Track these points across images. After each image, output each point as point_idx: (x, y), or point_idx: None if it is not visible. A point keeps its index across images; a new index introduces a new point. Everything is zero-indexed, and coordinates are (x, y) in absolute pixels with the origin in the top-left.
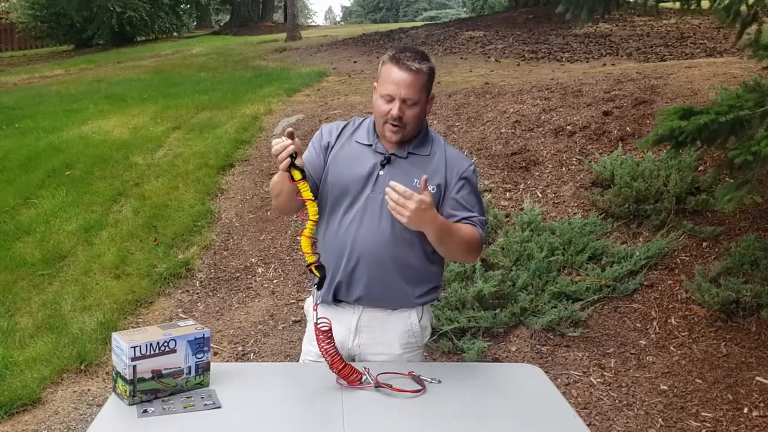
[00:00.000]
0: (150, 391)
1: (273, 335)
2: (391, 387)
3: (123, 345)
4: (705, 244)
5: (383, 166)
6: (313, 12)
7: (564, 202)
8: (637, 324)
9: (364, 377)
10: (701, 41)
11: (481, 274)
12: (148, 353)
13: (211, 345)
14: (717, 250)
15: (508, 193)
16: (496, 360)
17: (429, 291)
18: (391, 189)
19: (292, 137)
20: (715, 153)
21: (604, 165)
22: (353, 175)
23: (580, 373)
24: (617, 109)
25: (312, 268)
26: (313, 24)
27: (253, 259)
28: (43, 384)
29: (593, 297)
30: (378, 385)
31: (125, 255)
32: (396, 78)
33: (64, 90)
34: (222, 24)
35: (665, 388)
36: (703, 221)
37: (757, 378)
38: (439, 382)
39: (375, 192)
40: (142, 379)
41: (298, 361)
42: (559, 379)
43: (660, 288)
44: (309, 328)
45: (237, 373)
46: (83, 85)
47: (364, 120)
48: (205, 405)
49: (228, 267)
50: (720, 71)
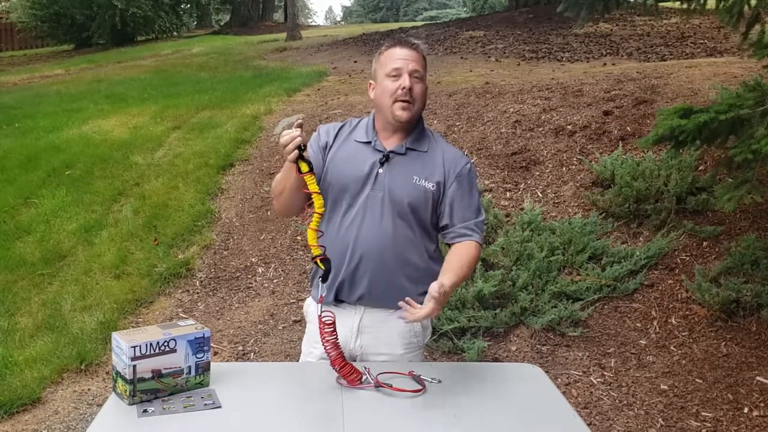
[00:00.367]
0: (150, 391)
1: (273, 335)
2: (391, 387)
3: (123, 345)
4: (705, 243)
5: (382, 163)
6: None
7: (564, 201)
8: (638, 324)
9: (364, 377)
10: (702, 41)
11: (481, 273)
12: (148, 353)
13: (211, 345)
14: (717, 249)
15: (508, 193)
16: (496, 360)
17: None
18: (409, 317)
19: (301, 129)
20: (716, 153)
21: (604, 165)
22: (353, 174)
23: (580, 373)
24: (617, 109)
25: (317, 260)
26: (314, 24)
27: (254, 259)
28: (43, 384)
29: (593, 297)
30: (378, 385)
31: (125, 255)
32: (400, 54)
33: (64, 90)
34: (222, 24)
35: (665, 387)
36: (704, 221)
37: (758, 378)
38: (439, 381)
39: (375, 190)
40: (142, 379)
41: (298, 362)
42: (560, 379)
43: (660, 288)
44: (309, 329)
45: (237, 373)
46: (83, 85)
47: (361, 120)
48: (205, 405)
49: (228, 267)
50: (720, 71)
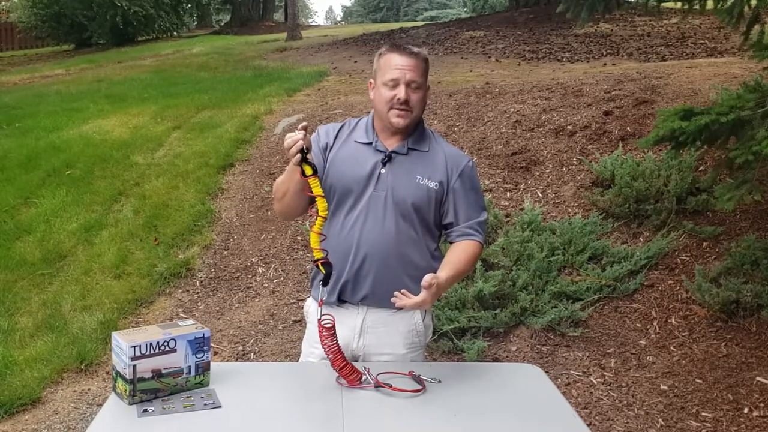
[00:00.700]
0: (150, 391)
1: (273, 335)
2: (391, 387)
3: (123, 344)
4: (705, 244)
5: (384, 164)
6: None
7: (564, 202)
8: (638, 324)
9: (364, 377)
10: (702, 41)
11: (481, 273)
12: (148, 353)
13: (211, 345)
14: (717, 250)
15: (508, 193)
16: (496, 360)
17: None
18: (402, 304)
19: (305, 131)
20: (716, 153)
21: (604, 165)
22: (355, 175)
23: (580, 373)
24: (618, 109)
25: (319, 264)
26: (314, 24)
27: (254, 259)
28: (43, 383)
29: (593, 297)
30: (378, 385)
31: (125, 255)
32: (398, 63)
33: (64, 89)
34: (222, 24)
35: (665, 388)
36: (704, 221)
37: (758, 378)
38: (439, 381)
39: (377, 191)
40: (142, 379)
41: (298, 362)
42: (559, 379)
43: (660, 288)
44: (309, 329)
45: (237, 373)
46: (84, 85)
47: (359, 120)
48: (205, 405)
49: (228, 267)
50: (721, 71)
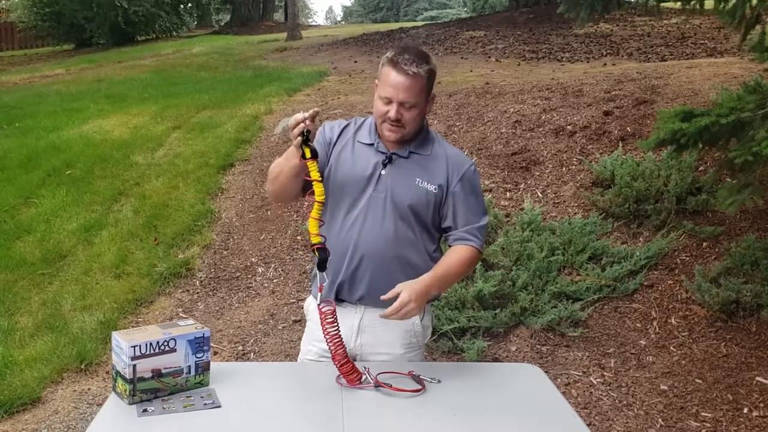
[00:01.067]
0: (150, 391)
1: (273, 335)
2: (391, 386)
3: (123, 344)
4: (705, 244)
5: (385, 165)
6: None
7: (564, 202)
8: (637, 324)
9: (363, 377)
10: (702, 41)
11: (481, 273)
12: (148, 352)
13: (211, 344)
14: (717, 250)
15: (508, 193)
16: (496, 360)
17: None
18: (387, 314)
19: (314, 117)
20: (716, 153)
21: (604, 165)
22: (355, 175)
23: (580, 373)
24: (618, 109)
25: (314, 248)
26: (314, 24)
27: (254, 259)
28: (43, 383)
29: (593, 297)
30: (378, 385)
31: (125, 254)
32: (393, 81)
33: (64, 89)
34: (222, 23)
35: (665, 388)
36: (704, 221)
37: (757, 378)
38: (439, 381)
39: (377, 191)
40: (142, 379)
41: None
42: (559, 379)
43: (660, 288)
44: (308, 327)
45: (237, 373)
46: (84, 85)
47: (365, 120)
48: (205, 404)
49: (228, 266)
50: (721, 71)
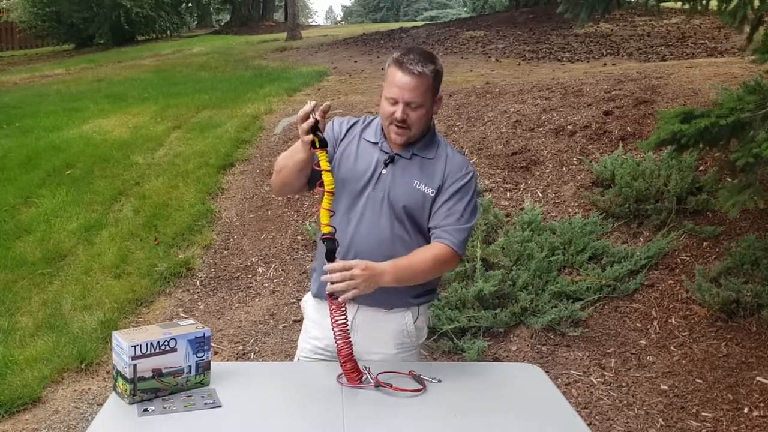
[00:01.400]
0: (150, 390)
1: (273, 335)
2: (392, 386)
3: (123, 344)
4: (705, 243)
5: (386, 165)
6: (314, 11)
7: (564, 201)
8: (638, 324)
9: (364, 377)
10: (702, 41)
11: (482, 273)
12: (148, 352)
13: (212, 344)
14: (717, 249)
15: (508, 193)
16: (496, 359)
17: (425, 292)
18: (329, 271)
19: (326, 111)
20: (716, 153)
21: (604, 165)
22: (356, 172)
23: (580, 373)
24: (618, 109)
25: (324, 239)
26: (314, 23)
27: (254, 259)
28: (44, 383)
29: (593, 297)
30: (378, 385)
31: (125, 254)
32: (399, 81)
33: (64, 89)
34: (222, 23)
35: (665, 387)
36: (704, 221)
37: (758, 378)
38: (440, 381)
39: (376, 191)
40: (142, 378)
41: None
42: (560, 379)
43: (660, 288)
44: (305, 324)
45: (237, 373)
46: (84, 85)
47: (375, 118)
48: (206, 404)
49: (228, 266)
50: (721, 71)
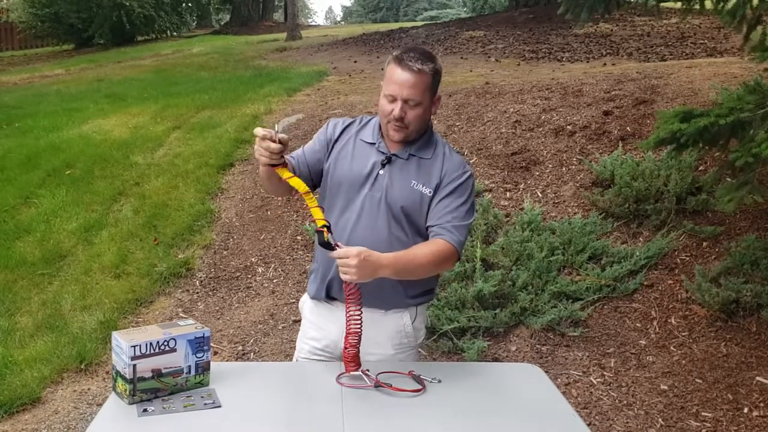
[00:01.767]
0: (150, 390)
1: (273, 335)
2: (391, 386)
3: (123, 344)
4: (705, 243)
5: (383, 165)
6: (314, 12)
7: (564, 201)
8: (637, 324)
9: (363, 375)
10: (702, 41)
11: (481, 273)
12: (148, 352)
13: (211, 344)
14: (717, 249)
15: (508, 193)
16: (496, 360)
17: (423, 293)
18: (333, 256)
19: (284, 146)
20: (716, 153)
21: (604, 165)
22: (353, 173)
23: (580, 373)
24: (617, 109)
25: (318, 230)
26: (314, 24)
27: (253, 259)
28: (43, 383)
29: (593, 297)
30: (378, 385)
31: (125, 254)
32: (398, 78)
33: (64, 89)
34: (222, 23)
35: (665, 387)
36: (704, 221)
37: (758, 378)
38: (439, 381)
39: (373, 191)
40: (142, 378)
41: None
42: (559, 379)
43: (660, 288)
44: (302, 325)
45: (237, 373)
46: (83, 85)
47: (371, 119)
48: (205, 404)
49: (228, 266)
50: (720, 71)
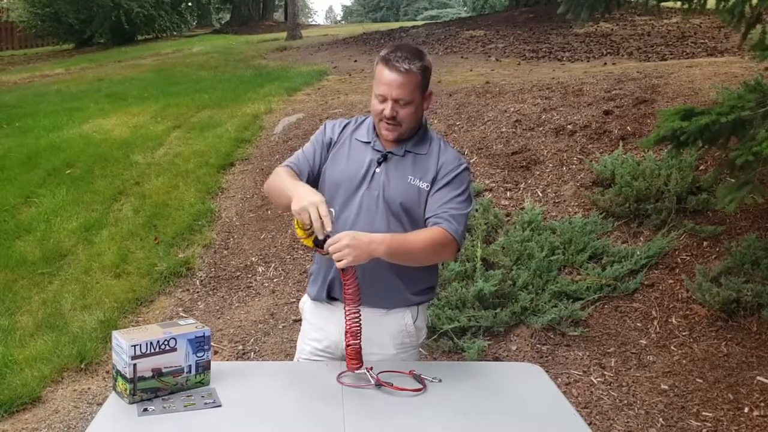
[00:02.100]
0: (150, 390)
1: (273, 334)
2: (392, 386)
3: (123, 343)
4: (706, 243)
5: (380, 163)
6: (314, 11)
7: (564, 201)
8: (638, 323)
9: (364, 374)
10: (702, 40)
11: (482, 273)
12: (148, 352)
13: (212, 344)
14: (718, 249)
15: (508, 193)
16: (496, 359)
17: (424, 291)
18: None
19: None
20: (716, 152)
21: (604, 164)
22: (350, 172)
23: (580, 373)
24: (618, 109)
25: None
26: (314, 23)
27: (254, 258)
28: (44, 382)
29: (594, 296)
30: (379, 384)
31: (125, 254)
32: (387, 79)
33: (64, 89)
34: (223, 23)
35: (666, 387)
36: (704, 221)
37: (758, 378)
38: (440, 381)
39: (370, 189)
40: (142, 378)
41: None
42: (560, 379)
43: (660, 287)
44: (303, 326)
45: (237, 372)
46: (84, 84)
47: (366, 118)
48: (206, 404)
49: (228, 266)
50: (721, 70)
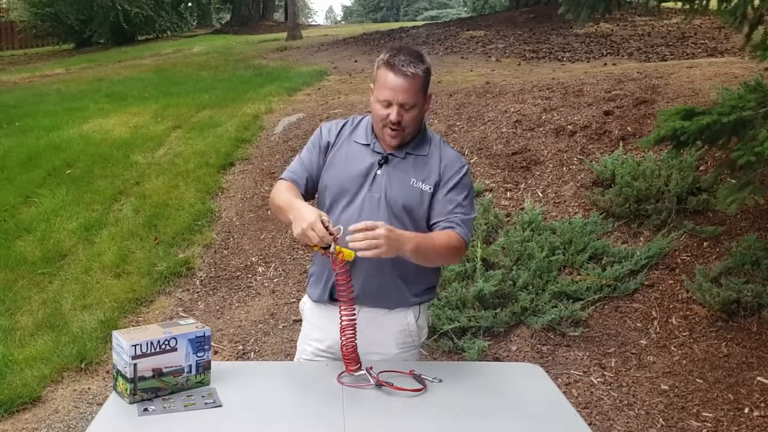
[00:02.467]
0: (150, 390)
1: (273, 334)
2: (392, 386)
3: (124, 343)
4: (706, 243)
5: (381, 165)
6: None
7: (565, 201)
8: (638, 324)
9: (364, 373)
10: (702, 41)
11: (482, 273)
12: (148, 352)
13: (212, 344)
14: (718, 249)
15: (508, 193)
16: (496, 359)
17: (425, 291)
18: (354, 230)
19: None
20: (716, 153)
21: (604, 164)
22: (351, 175)
23: (580, 373)
24: (618, 109)
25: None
26: (314, 23)
27: (254, 258)
28: (44, 382)
29: (594, 297)
30: (379, 384)
31: (126, 254)
32: (392, 84)
33: (64, 89)
34: (223, 23)
35: (666, 387)
36: (704, 221)
37: (758, 378)
38: (440, 381)
39: (372, 192)
40: (142, 378)
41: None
42: (560, 379)
43: (661, 288)
44: (303, 326)
45: (237, 372)
46: (84, 84)
47: (362, 119)
48: (206, 404)
49: (228, 266)
50: (721, 71)
